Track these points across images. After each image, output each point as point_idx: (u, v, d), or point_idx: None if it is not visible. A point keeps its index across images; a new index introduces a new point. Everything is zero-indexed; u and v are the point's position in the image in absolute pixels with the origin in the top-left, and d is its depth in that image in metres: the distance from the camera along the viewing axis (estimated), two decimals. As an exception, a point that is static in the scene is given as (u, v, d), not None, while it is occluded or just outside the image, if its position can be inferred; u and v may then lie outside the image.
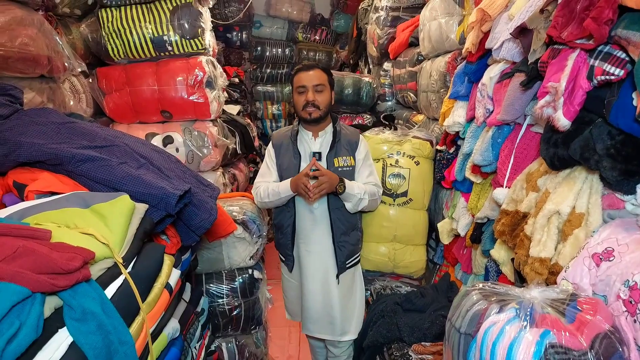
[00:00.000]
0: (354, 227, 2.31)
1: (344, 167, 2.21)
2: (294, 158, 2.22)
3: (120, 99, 2.51)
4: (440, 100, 2.50)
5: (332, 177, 2.08)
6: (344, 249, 2.25)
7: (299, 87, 2.19)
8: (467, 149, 2.00)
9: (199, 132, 2.62)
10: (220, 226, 2.01)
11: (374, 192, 2.24)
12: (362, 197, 2.17)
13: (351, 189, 2.14)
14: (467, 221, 2.08)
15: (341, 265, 2.26)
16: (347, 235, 2.27)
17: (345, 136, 2.26)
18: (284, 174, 2.22)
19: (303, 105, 2.17)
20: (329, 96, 2.22)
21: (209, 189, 1.68)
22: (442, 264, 2.56)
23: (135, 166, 1.32)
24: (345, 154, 2.23)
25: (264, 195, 2.21)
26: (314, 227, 2.25)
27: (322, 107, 2.18)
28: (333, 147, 2.22)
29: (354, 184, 2.18)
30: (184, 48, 2.52)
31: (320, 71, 2.20)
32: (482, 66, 1.93)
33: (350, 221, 2.27)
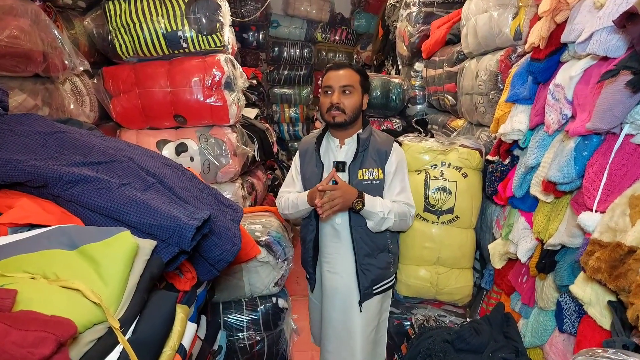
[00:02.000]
0: (383, 249, 2.02)
1: (370, 180, 1.94)
2: (316, 167, 2.01)
3: (129, 102, 2.25)
4: (490, 103, 2.19)
5: (348, 192, 1.82)
6: (369, 272, 1.98)
7: (325, 87, 1.97)
8: (532, 161, 1.70)
9: (216, 139, 2.35)
10: (242, 250, 1.73)
11: (403, 213, 1.94)
12: (386, 216, 1.88)
13: (372, 207, 1.86)
14: (529, 245, 1.77)
15: (365, 291, 1.99)
16: (373, 258, 1.99)
17: (374, 144, 1.99)
18: (307, 185, 2.02)
19: (328, 108, 1.95)
20: (358, 100, 1.97)
21: (230, 210, 1.40)
22: (491, 289, 2.25)
23: (141, 188, 1.04)
24: (372, 165, 1.96)
25: (284, 206, 2.02)
26: (337, 245, 2.00)
27: (348, 111, 1.94)
28: (357, 156, 1.95)
29: (377, 201, 1.89)
30: (201, 45, 2.25)
31: (351, 71, 1.96)
32: (554, 64, 1.62)
33: (376, 242, 1.99)
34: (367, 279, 1.98)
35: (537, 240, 1.73)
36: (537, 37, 1.66)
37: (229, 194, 2.44)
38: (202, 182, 1.41)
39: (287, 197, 2.03)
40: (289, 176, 2.12)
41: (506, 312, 1.98)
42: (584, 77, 1.42)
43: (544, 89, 1.69)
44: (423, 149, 2.12)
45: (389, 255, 2.04)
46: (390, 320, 2.26)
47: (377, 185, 1.94)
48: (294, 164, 2.12)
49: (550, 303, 1.63)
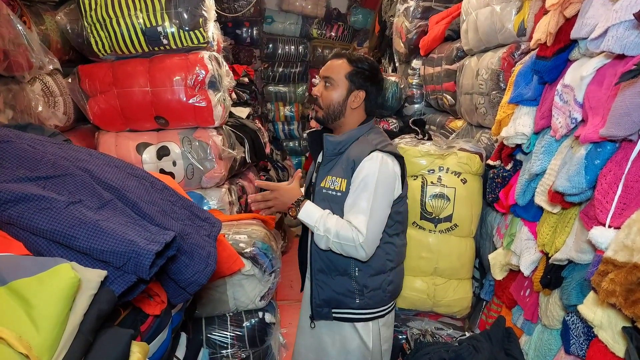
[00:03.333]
0: (342, 272, 1.71)
1: (330, 189, 1.67)
2: (314, 167, 1.82)
3: (107, 103, 2.11)
4: (491, 104, 2.07)
5: (285, 195, 1.64)
6: (322, 290, 1.73)
7: (322, 77, 1.75)
8: (537, 168, 1.57)
9: (200, 142, 2.21)
10: (224, 264, 1.61)
11: (347, 237, 1.56)
12: (322, 234, 1.60)
13: (308, 217, 1.62)
14: (533, 258, 1.65)
15: (317, 307, 1.74)
16: (329, 277, 1.73)
17: (351, 151, 1.67)
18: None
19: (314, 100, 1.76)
20: (339, 95, 1.68)
21: (207, 224, 1.27)
22: (491, 300, 2.12)
23: (94, 206, 0.91)
24: (338, 174, 1.67)
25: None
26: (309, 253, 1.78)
27: (323, 106, 1.71)
28: (326, 160, 1.72)
29: (316, 214, 1.62)
30: (183, 41, 2.12)
31: (341, 61, 1.70)
32: (562, 62, 1.50)
33: (332, 260, 1.70)
34: (318, 295, 1.73)
35: (541, 253, 1.61)
36: (544, 32, 1.53)
37: (215, 199, 2.31)
38: (176, 193, 1.28)
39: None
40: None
41: (507, 327, 1.86)
42: (596, 78, 1.29)
43: (550, 89, 1.57)
44: (419, 153, 1.99)
45: (351, 283, 1.70)
46: (385, 334, 2.13)
47: (337, 197, 1.65)
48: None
49: (556, 321, 1.51)
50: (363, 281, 1.70)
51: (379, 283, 1.73)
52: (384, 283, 1.74)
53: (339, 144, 1.69)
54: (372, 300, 1.73)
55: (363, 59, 1.73)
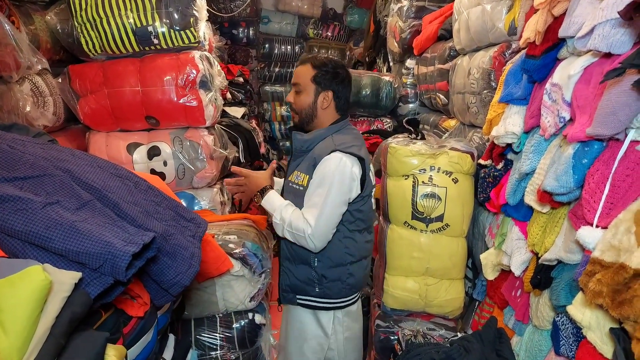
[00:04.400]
0: (304, 261, 1.81)
1: (295, 183, 1.80)
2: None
3: (97, 103, 2.10)
4: (482, 103, 2.06)
5: (254, 182, 1.81)
6: (286, 276, 1.85)
7: (292, 84, 1.86)
8: (527, 168, 1.56)
9: (191, 142, 2.20)
10: (212, 264, 1.60)
11: (298, 228, 1.68)
12: (278, 222, 1.73)
13: (269, 205, 1.77)
14: (524, 258, 1.64)
15: (282, 292, 1.88)
16: (293, 264, 1.83)
17: (317, 149, 1.77)
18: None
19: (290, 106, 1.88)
20: (308, 98, 1.79)
21: (192, 225, 1.26)
22: (484, 301, 2.11)
23: (73, 207, 0.90)
24: (303, 170, 1.78)
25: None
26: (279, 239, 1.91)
27: (298, 111, 1.83)
28: (296, 156, 1.86)
29: (276, 203, 1.76)
30: (173, 41, 2.10)
31: (305, 67, 1.80)
32: (551, 61, 1.49)
33: (295, 250, 1.80)
34: (284, 281, 1.86)
35: (531, 253, 1.61)
36: (533, 31, 1.52)
37: (206, 200, 2.30)
38: (161, 193, 1.27)
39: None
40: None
41: (499, 328, 1.85)
42: (584, 76, 1.28)
43: (539, 88, 1.56)
44: (410, 153, 1.98)
45: (311, 272, 1.80)
46: (377, 334, 2.13)
47: (300, 191, 1.76)
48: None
49: (546, 322, 1.50)
50: (322, 271, 1.80)
51: (338, 275, 1.82)
52: (343, 275, 1.83)
53: (305, 142, 1.80)
54: (331, 290, 1.83)
55: (326, 61, 1.82)
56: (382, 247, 2.13)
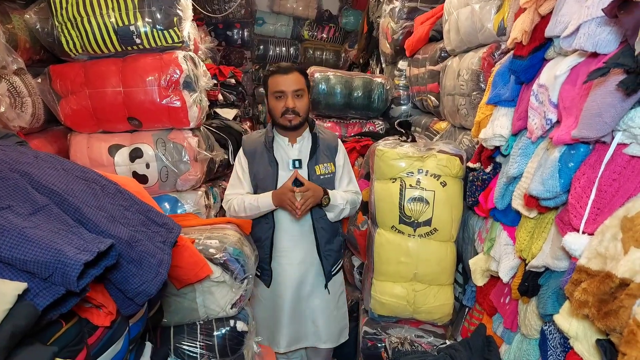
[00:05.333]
0: (337, 234, 2.24)
1: (326, 174, 2.11)
2: (270, 167, 2.07)
3: (78, 104, 2.05)
4: (472, 105, 2.01)
5: (317, 190, 2.00)
6: (330, 257, 2.19)
7: (276, 92, 2.00)
8: (514, 171, 1.52)
9: (174, 144, 2.15)
10: (190, 270, 1.55)
11: (354, 201, 2.16)
12: (344, 207, 2.09)
13: (335, 200, 2.06)
14: (512, 264, 1.59)
15: (328, 274, 2.19)
16: (331, 244, 2.19)
17: (324, 141, 2.14)
18: (260, 184, 2.09)
19: (282, 112, 2.01)
20: (308, 101, 2.09)
21: (163, 230, 1.21)
22: (473, 307, 2.06)
23: (25, 212, 0.85)
24: (325, 161, 2.12)
25: (239, 209, 2.07)
26: (298, 238, 2.15)
27: (302, 114, 2.04)
28: (314, 153, 2.10)
29: (337, 195, 2.09)
30: (156, 41, 2.06)
31: (298, 74, 2.03)
32: (538, 61, 1.45)
33: (333, 228, 2.19)
34: (328, 263, 2.17)
35: (520, 259, 1.56)
36: (520, 31, 1.48)
37: (190, 203, 2.25)
38: (131, 197, 1.22)
39: (240, 199, 2.06)
40: (233, 178, 2.13)
41: (488, 336, 1.80)
42: (570, 77, 1.24)
43: (527, 89, 1.51)
44: (398, 155, 1.93)
45: (340, 238, 2.25)
46: (364, 341, 2.08)
47: (331, 178, 2.12)
48: (238, 165, 2.13)
49: (534, 331, 1.45)
50: (342, 232, 2.33)
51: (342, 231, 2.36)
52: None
53: (318, 138, 2.12)
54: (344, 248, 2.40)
55: (304, 68, 2.22)
56: (370, 252, 2.09)
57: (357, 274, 2.72)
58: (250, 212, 2.04)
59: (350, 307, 2.69)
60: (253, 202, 2.02)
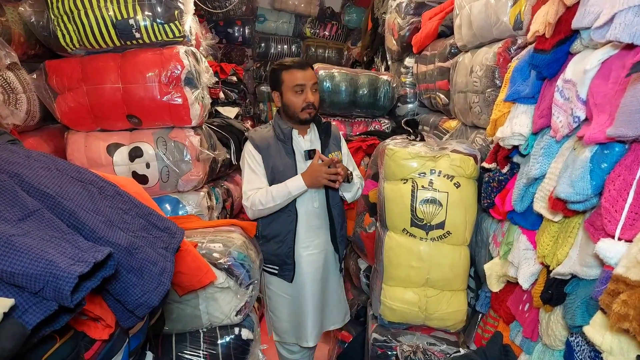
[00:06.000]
0: (346, 219, 2.38)
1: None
2: (288, 158, 2.10)
3: (75, 101, 1.97)
4: (486, 103, 1.93)
5: (343, 166, 2.09)
6: (343, 242, 2.31)
7: (296, 85, 2.04)
8: (536, 172, 1.43)
9: (176, 143, 2.07)
10: (193, 276, 1.47)
11: (362, 185, 2.31)
12: (360, 186, 2.24)
13: (354, 177, 2.20)
14: (532, 270, 1.51)
15: (341, 259, 2.34)
16: (343, 229, 2.32)
17: (329, 131, 2.26)
18: (278, 177, 2.08)
19: (303, 107, 2.07)
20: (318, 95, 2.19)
21: (165, 235, 1.13)
22: (487, 313, 1.98)
23: (14, 218, 0.77)
24: (334, 149, 2.24)
25: (266, 201, 2.02)
26: (317, 227, 2.21)
27: (317, 107, 2.15)
28: (327, 142, 2.20)
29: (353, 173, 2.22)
30: (157, 35, 1.98)
31: (311, 70, 2.12)
32: (562, 55, 1.36)
33: (344, 214, 2.34)
34: (342, 248, 2.31)
35: (541, 265, 1.48)
36: (542, 23, 1.40)
37: (192, 204, 2.17)
38: (131, 199, 1.14)
39: (263, 192, 2.03)
40: (249, 174, 2.09)
41: (505, 344, 1.72)
42: (601, 71, 1.15)
43: (550, 85, 1.43)
44: (410, 155, 1.85)
45: (346, 220, 2.39)
46: (373, 349, 2.00)
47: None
48: (252, 160, 2.09)
49: (558, 341, 1.37)
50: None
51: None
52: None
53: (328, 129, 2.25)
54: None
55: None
56: (379, 256, 2.01)
57: (363, 277, 2.63)
58: (280, 200, 2.02)
59: (357, 312, 2.61)
60: (282, 189, 2.02)
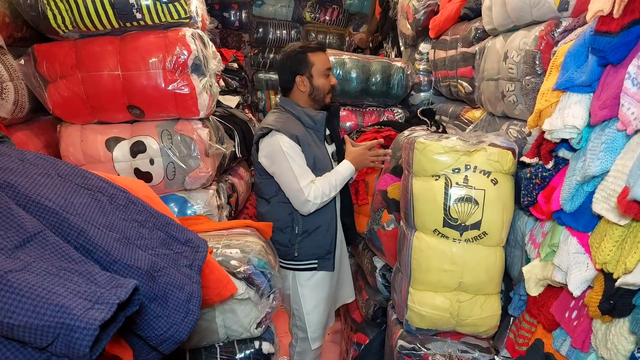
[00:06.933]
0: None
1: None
2: (324, 146, 2.12)
3: (69, 90, 1.77)
4: (525, 91, 1.77)
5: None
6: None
7: (327, 69, 2.06)
8: (596, 169, 1.28)
9: (182, 136, 1.89)
10: (213, 289, 1.30)
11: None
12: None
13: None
14: (585, 276, 1.37)
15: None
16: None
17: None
18: (320, 165, 2.05)
19: (329, 90, 2.12)
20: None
21: (187, 250, 0.96)
22: (521, 317, 1.85)
23: (9, 245, 0.60)
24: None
25: (330, 191, 2.01)
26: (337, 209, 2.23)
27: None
28: (335, 126, 2.27)
29: None
30: (160, 16, 1.78)
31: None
32: (634, 38, 1.20)
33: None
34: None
35: (597, 271, 1.33)
36: (608, 1, 1.23)
37: (201, 203, 1.99)
38: (146, 207, 0.96)
39: (323, 182, 1.99)
40: (300, 169, 1.96)
41: (547, 353, 1.59)
42: None
43: (615, 72, 1.27)
44: (443, 149, 1.69)
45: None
46: (400, 357, 1.86)
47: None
48: (296, 154, 1.95)
49: (621, 356, 1.23)
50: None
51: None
52: None
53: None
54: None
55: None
56: (406, 258, 1.85)
57: (379, 277, 2.49)
58: (340, 187, 2.06)
59: (373, 313, 2.47)
60: (339, 177, 2.03)
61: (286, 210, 2.07)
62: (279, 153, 1.92)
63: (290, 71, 2.01)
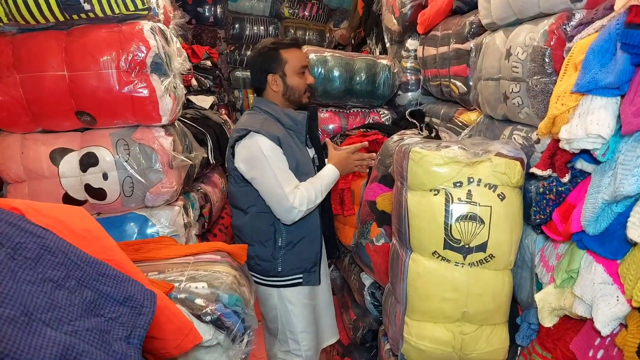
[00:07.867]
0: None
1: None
2: (305, 148, 1.96)
3: (6, 93, 1.53)
4: (532, 93, 1.56)
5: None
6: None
7: (302, 67, 1.89)
8: (631, 188, 1.09)
9: (141, 146, 1.64)
10: (171, 341, 1.07)
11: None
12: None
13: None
14: (616, 312, 1.18)
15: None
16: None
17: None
18: (302, 170, 1.88)
19: (306, 89, 1.94)
20: None
21: (126, 311, 0.73)
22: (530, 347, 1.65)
23: None
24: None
25: (316, 197, 1.84)
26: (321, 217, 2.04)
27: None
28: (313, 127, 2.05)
29: None
30: (113, 7, 1.53)
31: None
32: (678, 31, 1.00)
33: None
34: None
35: (631, 306, 1.14)
36: (646, -13, 1.03)
37: (164, 222, 1.74)
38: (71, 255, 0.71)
39: (308, 187, 1.82)
40: (283, 173, 1.78)
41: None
42: None
43: (655, 72, 1.07)
44: (443, 160, 1.47)
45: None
46: (396, 396, 1.65)
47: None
48: (279, 157, 1.78)
49: (663, 410, 1.04)
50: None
51: None
52: None
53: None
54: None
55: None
56: (401, 283, 1.64)
57: (368, 296, 2.28)
58: (326, 193, 1.91)
59: (362, 337, 2.25)
60: (324, 181, 1.87)
61: (267, 220, 1.87)
62: (259, 156, 1.72)
63: (262, 69, 1.84)
